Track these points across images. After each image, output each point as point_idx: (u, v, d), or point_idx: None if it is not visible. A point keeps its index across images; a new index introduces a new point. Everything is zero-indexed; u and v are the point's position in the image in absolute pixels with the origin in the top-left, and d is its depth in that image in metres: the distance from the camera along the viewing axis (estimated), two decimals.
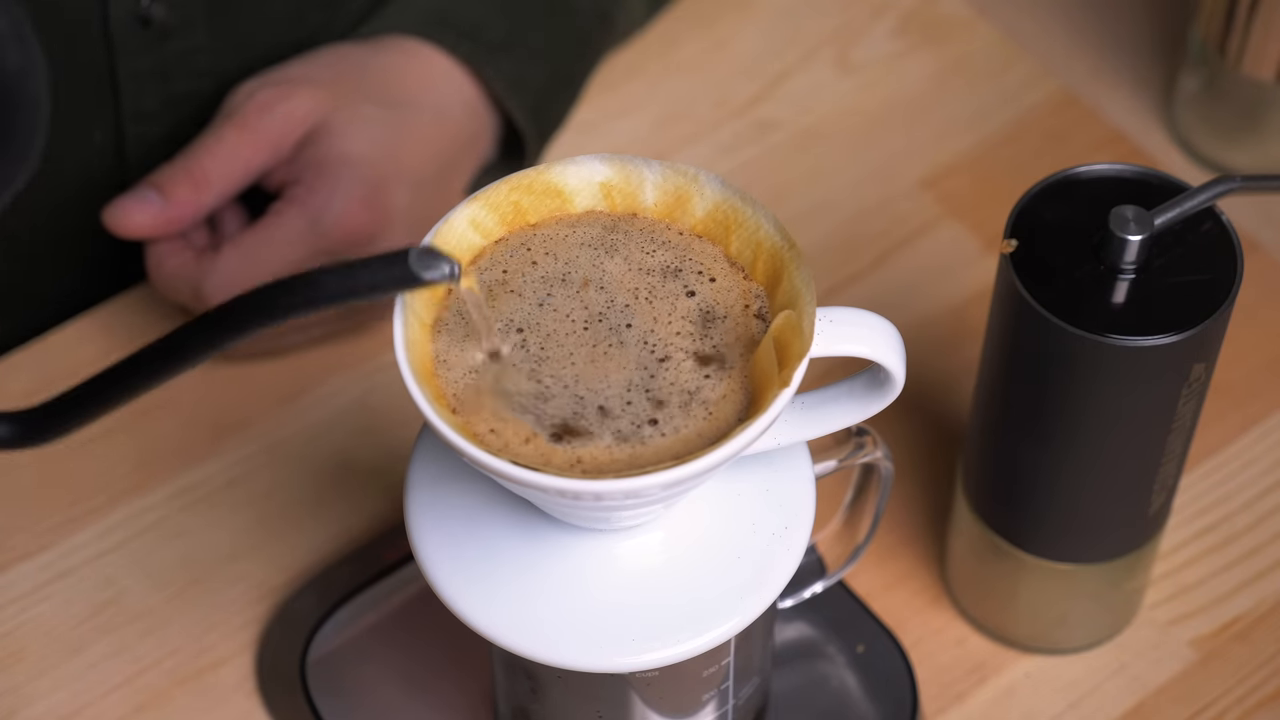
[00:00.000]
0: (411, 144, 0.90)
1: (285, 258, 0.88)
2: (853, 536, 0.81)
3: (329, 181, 0.88)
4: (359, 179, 0.88)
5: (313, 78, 0.90)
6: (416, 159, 0.90)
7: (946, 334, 0.95)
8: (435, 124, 0.92)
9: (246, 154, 0.88)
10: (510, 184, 0.67)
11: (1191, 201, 0.72)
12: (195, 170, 0.88)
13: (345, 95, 0.90)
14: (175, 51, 0.91)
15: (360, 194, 0.88)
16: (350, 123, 0.89)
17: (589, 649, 0.66)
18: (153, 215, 0.88)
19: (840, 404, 0.68)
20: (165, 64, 0.92)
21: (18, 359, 0.94)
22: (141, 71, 0.91)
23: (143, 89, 0.92)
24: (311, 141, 0.89)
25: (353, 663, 0.84)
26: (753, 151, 1.01)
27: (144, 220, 0.88)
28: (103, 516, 0.89)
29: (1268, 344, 0.94)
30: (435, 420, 0.62)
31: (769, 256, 0.65)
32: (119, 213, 0.88)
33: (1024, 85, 1.03)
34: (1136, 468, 0.77)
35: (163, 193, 0.88)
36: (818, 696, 0.83)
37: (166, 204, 0.88)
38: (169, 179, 0.88)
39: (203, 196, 0.88)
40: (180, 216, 0.88)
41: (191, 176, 0.88)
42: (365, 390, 0.93)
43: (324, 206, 0.88)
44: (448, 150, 0.92)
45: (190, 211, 0.88)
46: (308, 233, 0.88)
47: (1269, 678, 0.85)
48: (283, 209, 0.88)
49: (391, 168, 0.89)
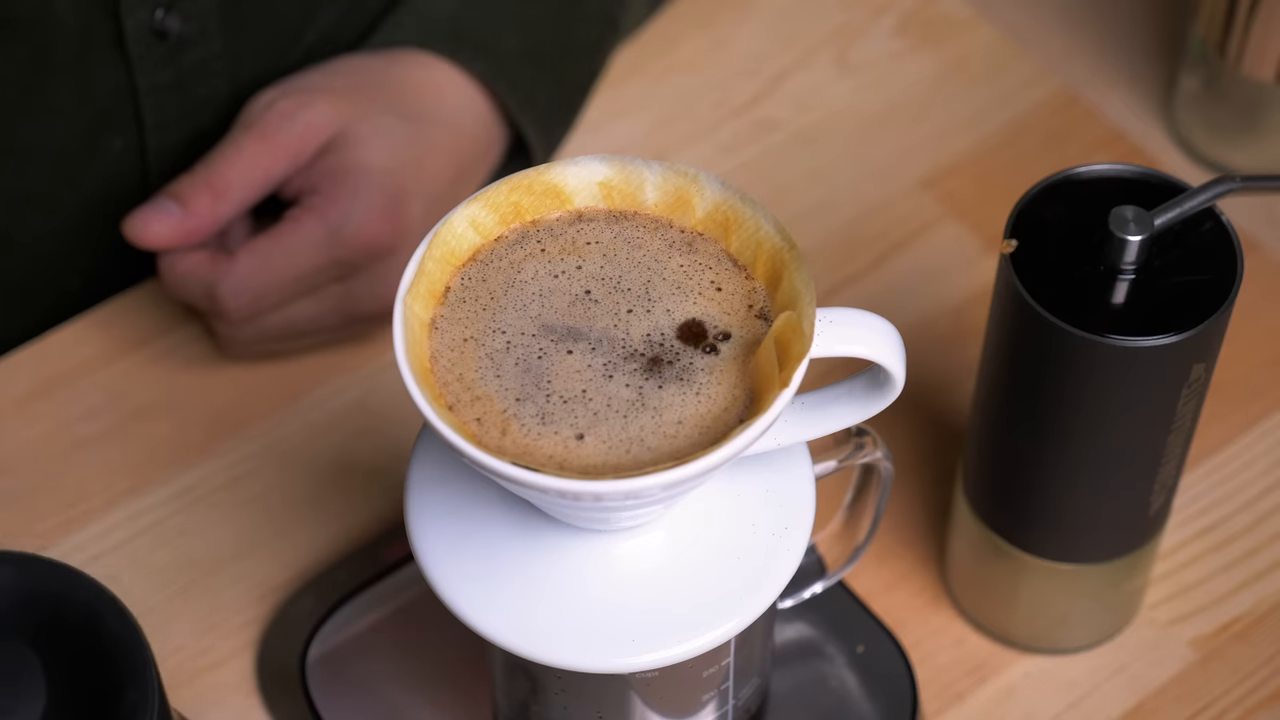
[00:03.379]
0: (429, 156, 0.90)
1: (302, 265, 0.88)
2: (853, 537, 0.81)
3: (349, 191, 0.88)
4: (379, 189, 0.88)
5: (331, 87, 0.90)
6: (433, 171, 0.90)
7: (946, 334, 0.95)
8: (450, 137, 0.91)
9: (266, 164, 0.88)
10: (510, 184, 0.67)
11: (1191, 202, 0.72)
12: (215, 180, 0.88)
13: (364, 105, 0.90)
14: (191, 61, 0.91)
15: (380, 205, 0.88)
16: (370, 133, 0.89)
17: (589, 649, 0.66)
18: (172, 226, 0.88)
19: (840, 404, 0.68)
20: (183, 75, 0.91)
21: (18, 359, 0.94)
22: (161, 84, 0.91)
23: (162, 101, 0.92)
24: (331, 150, 0.89)
25: (353, 663, 0.84)
26: (753, 151, 1.01)
27: (163, 231, 0.88)
28: (102, 517, 0.89)
29: (1268, 344, 0.94)
30: (435, 420, 0.62)
31: (769, 257, 0.65)
32: (139, 224, 0.88)
33: (1024, 85, 1.03)
34: (1136, 468, 0.77)
35: (182, 203, 0.88)
36: (818, 696, 0.83)
37: (185, 215, 0.88)
38: (189, 190, 0.88)
39: (222, 207, 0.88)
40: (199, 227, 0.88)
41: (211, 187, 0.88)
42: (365, 391, 0.93)
43: (344, 216, 0.88)
44: (462, 163, 0.92)
45: (209, 222, 0.88)
46: (326, 242, 0.88)
47: (1269, 678, 0.85)
48: (301, 217, 0.88)
49: (410, 179, 0.89)
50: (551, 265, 0.66)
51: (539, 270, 0.66)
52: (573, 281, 0.66)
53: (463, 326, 0.65)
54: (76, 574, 0.64)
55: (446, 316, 0.65)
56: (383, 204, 0.88)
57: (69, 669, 0.62)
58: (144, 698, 0.61)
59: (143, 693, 0.61)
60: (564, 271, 0.66)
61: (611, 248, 0.67)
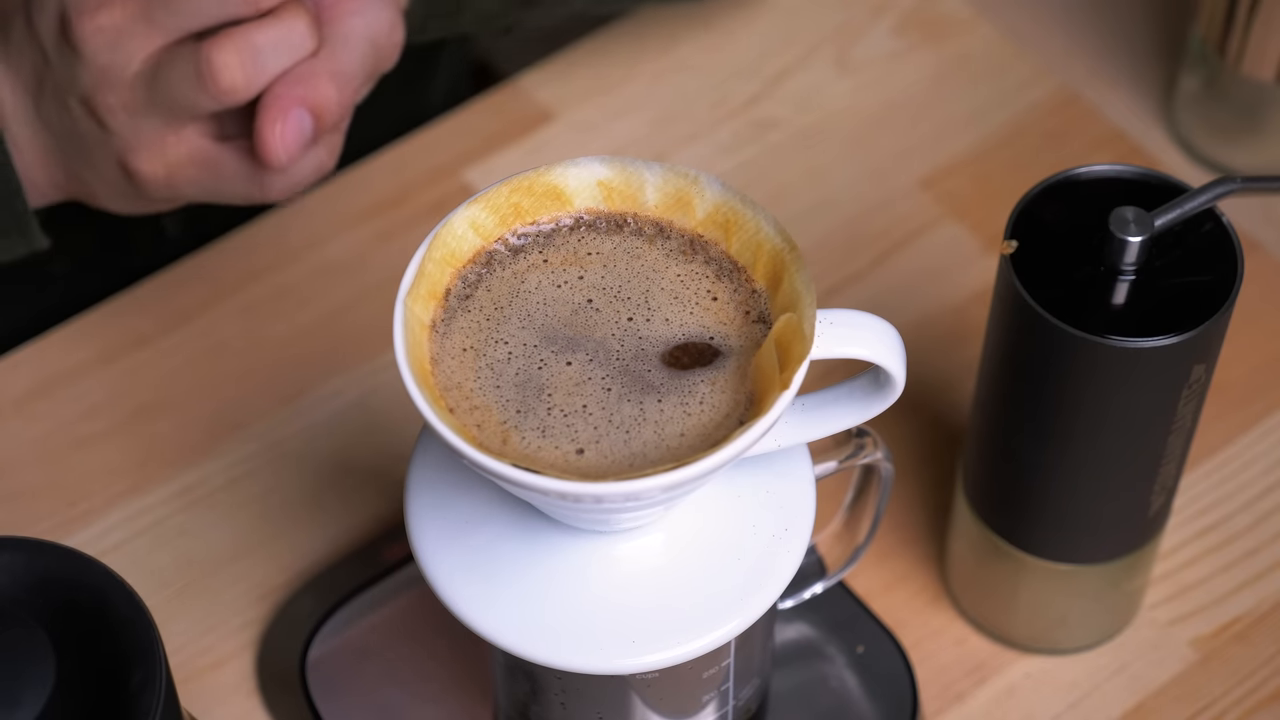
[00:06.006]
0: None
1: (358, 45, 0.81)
2: (853, 537, 0.81)
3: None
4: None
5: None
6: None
7: (946, 334, 0.95)
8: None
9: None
10: (510, 185, 0.67)
11: (1192, 203, 0.72)
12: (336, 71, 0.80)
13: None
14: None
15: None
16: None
17: (589, 651, 0.66)
18: (307, 140, 0.80)
19: (841, 406, 0.68)
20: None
21: (18, 359, 0.94)
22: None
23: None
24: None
25: (353, 663, 0.84)
26: (752, 151, 1.01)
27: (303, 145, 0.79)
28: (102, 516, 0.89)
29: (1268, 344, 0.94)
30: (435, 421, 0.62)
31: (769, 258, 0.65)
32: (283, 149, 0.79)
33: (1024, 85, 1.03)
34: (1136, 468, 0.77)
35: (316, 114, 0.79)
36: (818, 697, 0.83)
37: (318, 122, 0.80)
38: (320, 97, 0.79)
39: (345, 96, 0.80)
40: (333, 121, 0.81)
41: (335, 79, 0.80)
42: (365, 391, 0.93)
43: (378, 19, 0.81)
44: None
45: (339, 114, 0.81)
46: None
47: (1269, 678, 0.85)
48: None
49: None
50: (554, 275, 0.66)
51: (542, 280, 0.66)
52: (575, 291, 0.66)
53: (464, 335, 0.65)
54: (86, 559, 0.65)
55: (449, 324, 0.65)
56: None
57: (78, 650, 0.63)
58: (151, 677, 0.62)
59: (150, 673, 0.62)
60: (566, 282, 0.66)
61: (612, 258, 0.67)
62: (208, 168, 0.81)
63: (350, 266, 0.97)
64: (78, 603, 0.64)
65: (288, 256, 0.97)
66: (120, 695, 0.63)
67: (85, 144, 0.81)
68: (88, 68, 0.78)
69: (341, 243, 0.98)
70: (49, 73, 0.80)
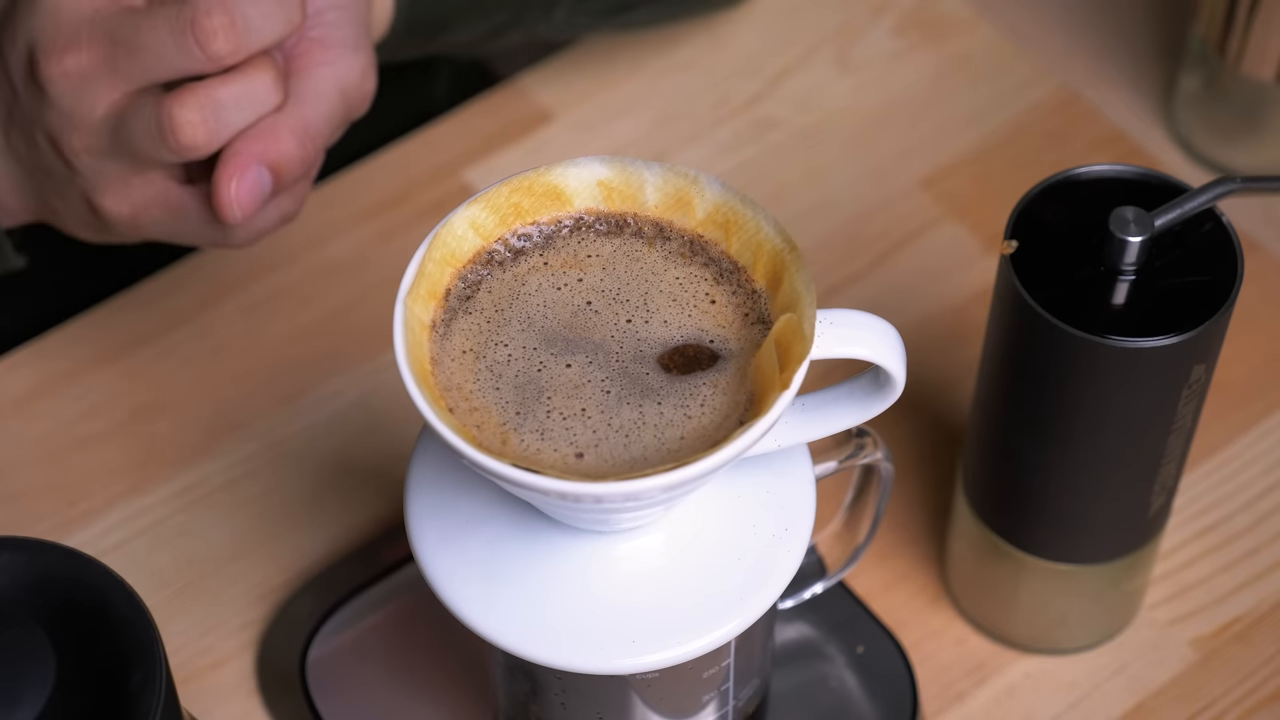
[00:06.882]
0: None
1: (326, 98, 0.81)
2: (853, 537, 0.81)
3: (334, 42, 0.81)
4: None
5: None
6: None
7: (946, 334, 0.95)
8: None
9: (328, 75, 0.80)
10: (510, 185, 0.67)
11: (1192, 203, 0.72)
12: (298, 128, 0.79)
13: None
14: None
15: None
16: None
17: (589, 651, 0.66)
18: (265, 196, 0.79)
19: (841, 406, 0.68)
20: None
21: (18, 359, 0.94)
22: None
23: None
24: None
25: (353, 663, 0.84)
26: (752, 151, 1.01)
27: (260, 202, 0.79)
28: (102, 516, 0.89)
29: (1268, 344, 0.94)
30: (435, 421, 0.62)
31: (769, 258, 0.65)
32: (238, 207, 0.78)
33: (1024, 85, 1.03)
34: (1136, 468, 0.77)
35: (275, 171, 0.79)
36: (818, 697, 0.83)
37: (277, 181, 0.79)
38: (280, 153, 0.78)
39: (308, 151, 0.80)
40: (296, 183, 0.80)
41: (298, 136, 0.79)
42: (365, 391, 0.93)
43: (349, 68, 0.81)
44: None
45: (302, 170, 0.80)
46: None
47: (1269, 678, 0.85)
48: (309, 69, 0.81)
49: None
50: (554, 278, 0.66)
51: (542, 283, 0.66)
52: (574, 294, 0.66)
53: (464, 337, 0.65)
54: (86, 559, 0.65)
55: (449, 325, 0.65)
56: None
57: (78, 650, 0.63)
58: (151, 677, 0.62)
59: (150, 673, 0.62)
60: (566, 284, 0.66)
61: (611, 260, 0.67)
62: (172, 211, 0.80)
63: (350, 266, 0.97)
64: (78, 603, 0.64)
65: (288, 256, 0.97)
66: (120, 695, 0.63)
67: (53, 178, 0.80)
68: (53, 109, 0.78)
69: (342, 242, 0.98)
70: (18, 107, 0.79)
